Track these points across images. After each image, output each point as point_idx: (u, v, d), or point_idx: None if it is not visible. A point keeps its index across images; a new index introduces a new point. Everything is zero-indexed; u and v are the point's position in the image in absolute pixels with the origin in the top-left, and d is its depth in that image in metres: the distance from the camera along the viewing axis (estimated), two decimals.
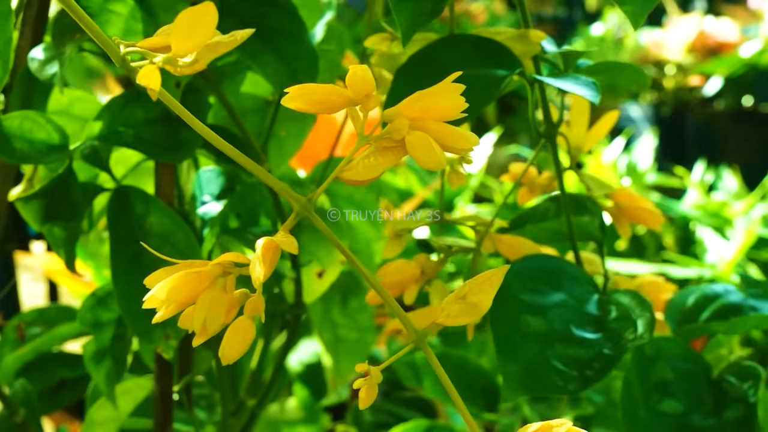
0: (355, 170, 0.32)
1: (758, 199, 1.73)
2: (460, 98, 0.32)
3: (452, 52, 0.48)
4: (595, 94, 0.45)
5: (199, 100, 0.55)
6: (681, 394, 0.50)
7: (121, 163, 0.60)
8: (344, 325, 0.73)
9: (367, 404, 0.32)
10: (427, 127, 0.32)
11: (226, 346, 0.31)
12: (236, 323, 0.31)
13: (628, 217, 0.56)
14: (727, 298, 0.57)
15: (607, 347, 0.47)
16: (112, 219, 0.54)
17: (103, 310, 0.60)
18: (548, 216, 0.54)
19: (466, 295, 0.32)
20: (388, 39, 0.50)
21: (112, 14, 0.52)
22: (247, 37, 0.32)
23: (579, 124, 0.57)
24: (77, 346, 0.67)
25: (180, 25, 0.31)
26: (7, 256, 0.99)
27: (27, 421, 0.67)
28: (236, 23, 0.54)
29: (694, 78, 2.61)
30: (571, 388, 0.45)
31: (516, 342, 0.47)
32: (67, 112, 0.61)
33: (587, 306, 0.49)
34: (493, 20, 2.71)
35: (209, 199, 0.61)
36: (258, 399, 0.69)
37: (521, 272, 0.49)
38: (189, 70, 0.32)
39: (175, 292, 0.31)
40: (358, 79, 0.32)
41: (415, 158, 0.31)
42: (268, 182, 0.33)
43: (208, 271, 0.31)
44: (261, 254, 0.31)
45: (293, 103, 0.32)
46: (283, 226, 0.32)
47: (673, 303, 0.57)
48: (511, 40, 0.49)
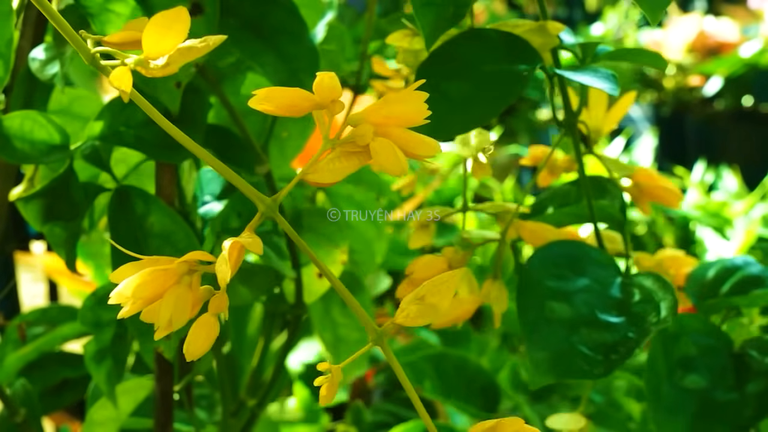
0: (319, 173, 0.32)
1: (758, 199, 1.73)
2: (424, 105, 0.32)
3: (473, 47, 0.48)
4: (615, 86, 0.46)
5: (199, 100, 0.55)
6: (704, 370, 0.51)
7: (121, 163, 0.60)
8: (345, 325, 0.73)
9: (327, 402, 0.32)
10: (391, 133, 0.32)
11: (190, 342, 0.32)
12: (200, 320, 0.32)
13: (648, 196, 0.57)
14: (748, 270, 0.57)
15: (632, 330, 0.47)
16: (112, 219, 0.54)
17: (104, 310, 0.60)
18: (569, 199, 0.55)
19: (424, 296, 0.32)
20: (410, 35, 0.50)
21: (112, 14, 0.52)
22: (220, 42, 0.33)
23: (598, 108, 0.58)
24: (78, 346, 0.67)
25: (153, 28, 0.31)
26: (7, 256, 0.99)
27: (28, 421, 0.67)
28: (237, 23, 0.54)
29: (694, 78, 2.61)
30: (597, 372, 0.46)
31: (542, 328, 0.47)
32: (68, 112, 0.61)
33: (611, 290, 0.49)
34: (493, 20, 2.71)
35: (210, 199, 0.61)
36: (258, 399, 0.69)
37: (545, 258, 0.50)
38: (160, 73, 0.32)
39: (141, 288, 0.31)
40: (325, 86, 0.32)
41: (379, 164, 0.32)
42: (228, 177, 0.34)
43: (175, 268, 0.32)
44: (227, 254, 0.31)
45: (260, 105, 0.32)
46: (248, 226, 0.33)
47: (693, 276, 0.58)
48: (530, 32, 0.49)
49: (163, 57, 0.32)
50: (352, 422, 0.93)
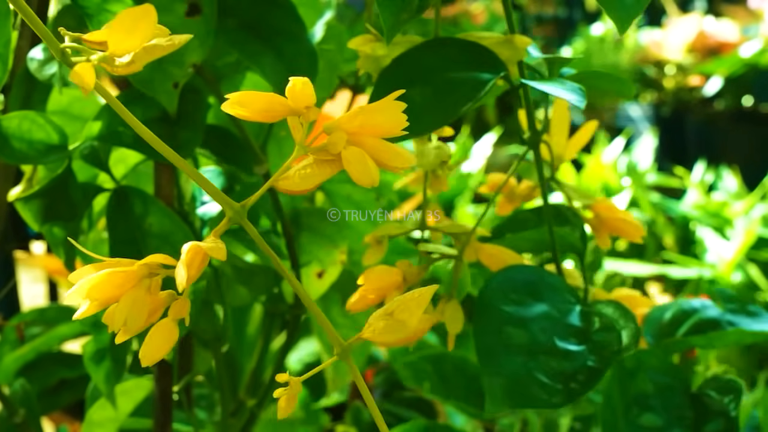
0: (291, 180, 0.32)
1: (758, 199, 1.73)
2: (402, 115, 0.32)
3: (436, 55, 0.47)
4: (581, 99, 0.44)
5: (198, 100, 0.55)
6: (660, 408, 0.49)
7: (120, 164, 0.60)
8: (344, 326, 0.73)
9: (286, 414, 0.32)
10: (365, 142, 0.32)
11: (146, 346, 0.31)
12: (159, 324, 0.32)
13: (608, 228, 0.55)
14: (705, 313, 0.56)
15: (591, 359, 0.46)
16: (111, 219, 0.54)
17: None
18: (529, 225, 0.54)
19: (393, 312, 0.32)
20: (373, 40, 0.49)
21: (109, 14, 0.52)
22: (185, 42, 0.32)
23: (559, 133, 0.57)
24: (77, 346, 0.67)
25: (118, 25, 0.31)
26: (7, 256, 0.99)
27: (26, 421, 0.67)
28: (235, 23, 0.54)
29: (694, 78, 2.61)
30: (556, 401, 0.44)
31: (499, 354, 0.45)
32: (67, 112, 0.61)
33: (570, 317, 0.48)
34: (493, 20, 2.71)
35: (209, 200, 0.61)
36: (258, 399, 0.69)
37: (503, 283, 0.48)
38: (125, 71, 0.32)
39: (97, 289, 0.31)
40: (298, 91, 0.32)
41: (350, 173, 0.31)
42: (200, 184, 0.33)
43: (134, 270, 0.31)
44: (186, 259, 0.31)
45: (233, 110, 0.32)
46: (213, 231, 0.32)
47: (650, 317, 0.57)
48: (497, 45, 0.48)
49: (128, 54, 0.31)
50: (351, 422, 0.93)
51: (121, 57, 0.31)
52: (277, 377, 0.31)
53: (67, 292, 0.31)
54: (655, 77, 2.66)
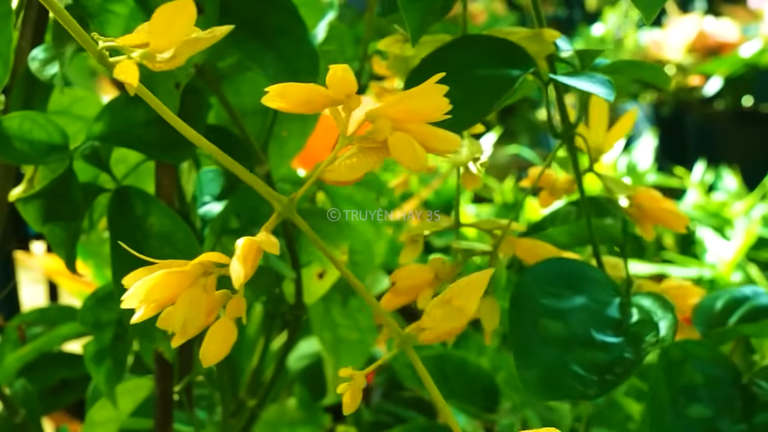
0: (337, 171, 0.32)
1: (758, 199, 1.73)
2: (444, 99, 0.32)
3: (465, 53, 0.47)
4: (611, 92, 0.45)
5: (199, 100, 0.55)
6: (708, 399, 0.49)
7: (121, 164, 0.60)
8: (345, 326, 0.73)
9: (352, 410, 0.31)
10: (410, 128, 0.32)
11: (206, 347, 0.31)
12: (217, 324, 0.31)
13: (651, 219, 0.55)
14: (757, 300, 0.56)
15: (628, 351, 0.46)
16: (112, 219, 0.54)
17: (104, 310, 0.60)
18: (570, 220, 0.54)
19: (451, 299, 0.32)
20: (400, 41, 0.49)
21: (111, 14, 0.52)
22: (226, 33, 0.32)
23: (599, 125, 0.57)
24: (78, 346, 0.67)
25: (158, 21, 0.30)
26: (7, 256, 0.99)
27: (27, 422, 0.67)
28: (236, 23, 0.54)
29: (694, 78, 2.61)
30: (591, 393, 0.44)
31: (534, 346, 0.46)
32: (68, 112, 0.61)
33: (608, 309, 0.48)
34: (493, 20, 2.71)
35: (210, 200, 0.61)
36: (258, 399, 0.69)
37: (540, 275, 0.48)
38: (167, 66, 0.31)
39: (154, 291, 0.30)
40: (339, 79, 0.31)
41: (398, 159, 0.31)
42: (250, 183, 0.33)
43: (189, 270, 0.31)
44: (241, 255, 0.30)
45: (274, 103, 0.32)
46: (264, 226, 0.32)
47: (701, 307, 0.56)
48: (525, 40, 0.48)
49: (170, 50, 0.31)
50: (352, 422, 0.93)
51: (162, 53, 0.31)
52: (341, 372, 0.31)
53: (123, 296, 0.30)
54: None
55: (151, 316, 0.31)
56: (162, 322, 0.31)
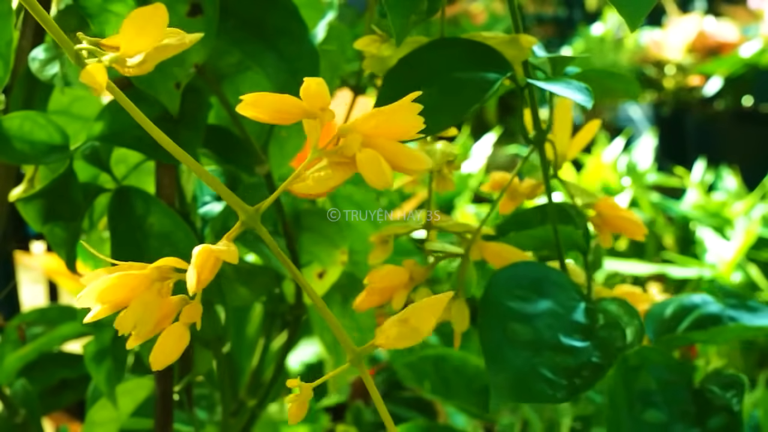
0: (305, 183, 0.32)
1: (758, 199, 1.73)
2: (418, 118, 0.31)
3: (442, 55, 0.47)
4: (588, 98, 0.44)
5: (199, 100, 0.55)
6: (663, 404, 0.50)
7: (121, 163, 0.60)
8: (345, 326, 0.73)
9: (296, 421, 0.31)
10: (380, 144, 0.31)
11: (156, 351, 0.31)
12: (169, 329, 0.31)
13: (611, 226, 0.55)
14: (706, 309, 0.56)
15: (596, 355, 0.46)
16: (112, 219, 0.54)
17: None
18: (532, 224, 0.54)
19: (408, 318, 0.32)
20: (378, 41, 0.49)
21: (111, 15, 0.52)
22: (195, 41, 0.32)
23: (563, 132, 0.57)
24: (78, 346, 0.67)
25: (129, 26, 0.30)
26: (7, 256, 0.99)
27: (27, 422, 0.67)
28: (237, 23, 0.54)
29: (694, 78, 2.61)
30: (560, 396, 0.45)
31: (504, 350, 0.46)
32: (68, 112, 0.61)
33: (574, 314, 0.48)
34: (492, 20, 2.71)
35: (210, 199, 0.61)
36: (258, 399, 0.69)
37: (508, 279, 0.48)
38: (136, 71, 0.31)
39: (108, 292, 0.30)
40: (312, 92, 0.31)
41: (364, 176, 0.31)
42: (213, 187, 0.33)
43: (146, 274, 0.31)
44: (197, 263, 0.30)
45: (247, 111, 0.32)
46: (226, 235, 0.32)
47: (651, 313, 0.57)
48: (503, 44, 0.48)
49: (140, 55, 0.31)
50: (352, 422, 0.93)
51: (132, 57, 0.31)
52: (288, 383, 0.31)
53: (78, 295, 0.30)
54: (655, 77, 2.66)
55: (106, 316, 0.31)
56: (117, 324, 0.31)
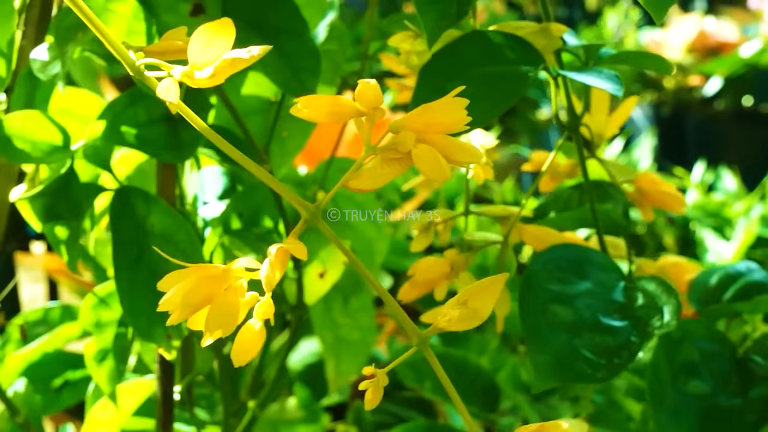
0: (361, 179, 0.33)
1: (758, 199, 1.73)
2: (464, 112, 0.32)
3: (475, 48, 0.48)
4: (618, 87, 0.46)
5: (200, 100, 0.55)
6: (707, 375, 0.50)
7: (122, 163, 0.60)
8: (345, 326, 0.73)
9: (373, 405, 0.32)
10: (432, 139, 0.32)
11: (237, 349, 0.32)
12: (247, 326, 0.32)
13: (651, 201, 0.57)
14: (751, 277, 0.57)
15: (634, 335, 0.47)
16: (113, 219, 0.54)
17: (105, 310, 0.60)
18: (572, 204, 0.55)
19: (467, 300, 0.32)
20: (411, 36, 0.50)
21: (113, 14, 0.52)
22: (265, 53, 0.33)
23: (600, 112, 0.58)
24: (79, 346, 0.67)
25: (198, 39, 0.32)
26: (7, 256, 0.99)
27: (28, 422, 0.67)
28: (238, 22, 0.54)
29: (694, 78, 2.61)
30: (600, 376, 0.46)
31: (545, 332, 0.47)
32: (69, 112, 0.61)
33: (614, 293, 0.49)
34: (492, 20, 2.71)
35: (211, 199, 0.61)
36: (259, 399, 0.69)
37: (548, 262, 0.50)
38: (206, 84, 0.32)
39: (190, 296, 0.31)
40: (368, 95, 0.32)
41: (422, 170, 0.32)
42: (276, 189, 0.34)
43: (222, 275, 0.32)
44: (274, 260, 0.31)
45: (302, 113, 0.32)
46: (292, 232, 0.33)
47: (696, 283, 0.57)
48: (533, 34, 0.49)
49: (209, 68, 0.32)
50: (352, 422, 0.93)
51: (201, 71, 0.32)
52: (365, 370, 0.32)
53: (162, 300, 0.31)
54: (655, 77, 2.66)
55: (185, 318, 0.32)
56: (192, 323, 0.32)
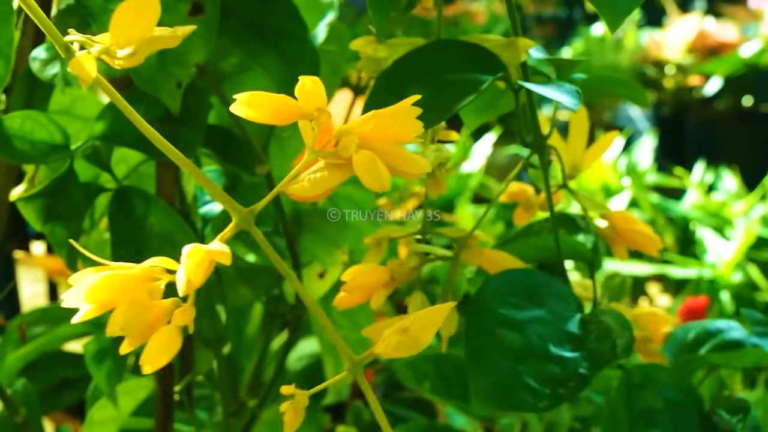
0: (300, 185, 0.31)
1: (758, 199, 1.73)
2: (417, 121, 0.31)
3: (437, 56, 0.47)
4: (577, 102, 0.44)
5: (200, 100, 0.55)
6: (669, 424, 0.49)
7: (122, 163, 0.60)
8: (345, 326, 0.73)
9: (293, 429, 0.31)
10: (377, 147, 0.31)
11: (147, 353, 0.30)
12: (160, 331, 0.30)
13: (624, 240, 0.54)
14: (729, 334, 0.56)
15: (584, 366, 0.45)
16: (113, 219, 0.54)
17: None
18: (541, 233, 0.53)
19: (408, 328, 0.31)
20: (374, 42, 0.49)
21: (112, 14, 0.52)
22: (188, 33, 0.32)
23: (577, 142, 0.56)
24: (78, 345, 0.67)
25: (120, 17, 0.30)
26: (7, 256, 0.99)
27: (28, 421, 0.67)
28: (238, 23, 0.54)
29: (694, 78, 2.61)
30: (542, 405, 0.44)
31: (489, 355, 0.45)
32: (69, 112, 0.61)
33: (568, 324, 0.47)
34: (493, 20, 2.71)
35: (210, 199, 0.61)
36: (258, 399, 0.69)
37: (501, 285, 0.48)
38: (126, 63, 0.31)
39: (96, 292, 0.29)
40: (308, 92, 0.31)
41: (360, 178, 0.30)
42: (205, 186, 0.32)
43: (135, 274, 0.30)
44: (188, 263, 0.29)
45: (242, 112, 0.31)
46: (219, 236, 0.31)
47: (673, 336, 0.56)
48: (500, 47, 0.48)
49: (130, 47, 0.30)
50: (352, 422, 0.93)
51: (122, 49, 0.31)
52: (282, 390, 0.31)
53: (64, 294, 0.29)
54: (655, 77, 2.66)
55: (94, 317, 0.30)
56: (107, 325, 0.30)
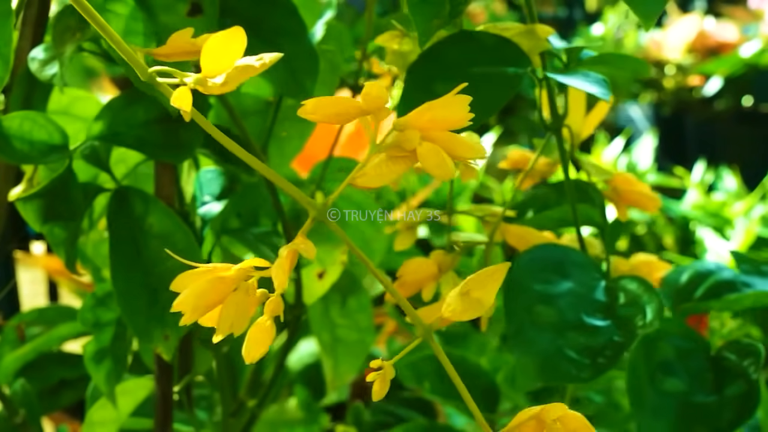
0: (367, 177, 0.33)
1: (758, 199, 1.73)
2: (467, 109, 0.33)
3: (462, 49, 0.48)
4: (606, 91, 0.46)
5: (199, 100, 0.55)
6: (683, 373, 0.51)
7: (121, 164, 0.60)
8: (343, 326, 0.73)
9: (381, 396, 0.32)
10: (436, 137, 0.33)
11: (248, 346, 0.32)
12: (258, 324, 0.33)
13: (626, 201, 0.58)
14: (720, 275, 0.57)
15: (618, 334, 0.47)
16: (111, 219, 0.54)
17: (103, 310, 0.60)
18: (550, 203, 0.55)
19: (469, 290, 0.33)
20: (399, 36, 0.50)
21: (111, 14, 0.52)
22: (275, 61, 0.33)
23: (576, 113, 0.59)
24: (77, 346, 0.67)
25: (211, 47, 0.32)
26: (7, 256, 0.99)
27: (27, 422, 0.67)
28: (236, 23, 0.54)
29: (694, 78, 2.61)
30: (585, 376, 0.46)
31: (529, 332, 0.47)
32: (68, 112, 0.61)
33: (595, 293, 0.50)
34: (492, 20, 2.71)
35: (210, 199, 0.61)
36: (258, 399, 0.69)
37: (531, 262, 0.50)
38: (218, 91, 0.33)
39: (202, 297, 0.32)
40: (374, 96, 0.33)
41: (427, 168, 0.32)
42: (284, 188, 0.34)
43: (233, 276, 0.33)
44: (283, 260, 0.32)
45: (311, 115, 0.33)
46: (300, 230, 0.34)
47: (667, 281, 0.58)
48: (519, 36, 0.49)
49: (221, 75, 0.32)
50: (352, 422, 0.93)
51: (214, 78, 0.32)
52: (372, 363, 0.32)
53: (176, 302, 0.32)
54: (655, 77, 2.66)
55: (197, 319, 0.33)
56: (206, 321, 0.33)
